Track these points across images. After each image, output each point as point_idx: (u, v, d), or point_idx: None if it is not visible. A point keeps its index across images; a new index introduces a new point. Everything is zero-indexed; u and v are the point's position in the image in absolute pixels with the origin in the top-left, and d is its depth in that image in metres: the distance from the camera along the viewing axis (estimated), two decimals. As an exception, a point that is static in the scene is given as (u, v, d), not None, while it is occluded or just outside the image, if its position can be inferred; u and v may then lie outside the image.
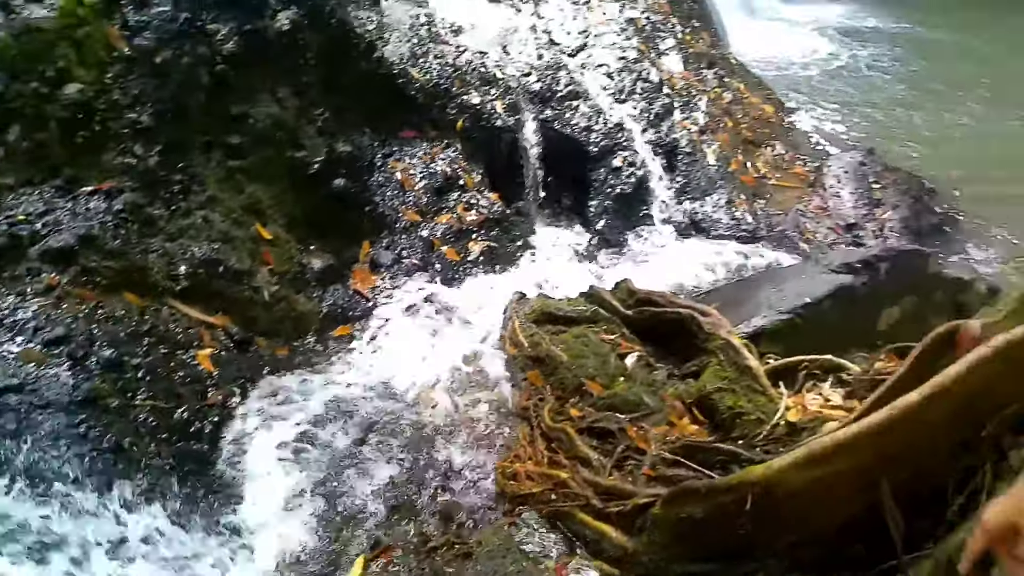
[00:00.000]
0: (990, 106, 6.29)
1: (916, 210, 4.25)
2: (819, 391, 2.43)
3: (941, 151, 5.43)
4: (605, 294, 2.98)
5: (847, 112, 5.90)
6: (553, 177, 4.37)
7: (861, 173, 4.52)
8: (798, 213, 4.22)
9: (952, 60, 7.42)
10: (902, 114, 6.07)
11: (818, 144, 5.26)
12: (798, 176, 4.72)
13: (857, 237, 4.01)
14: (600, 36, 4.97)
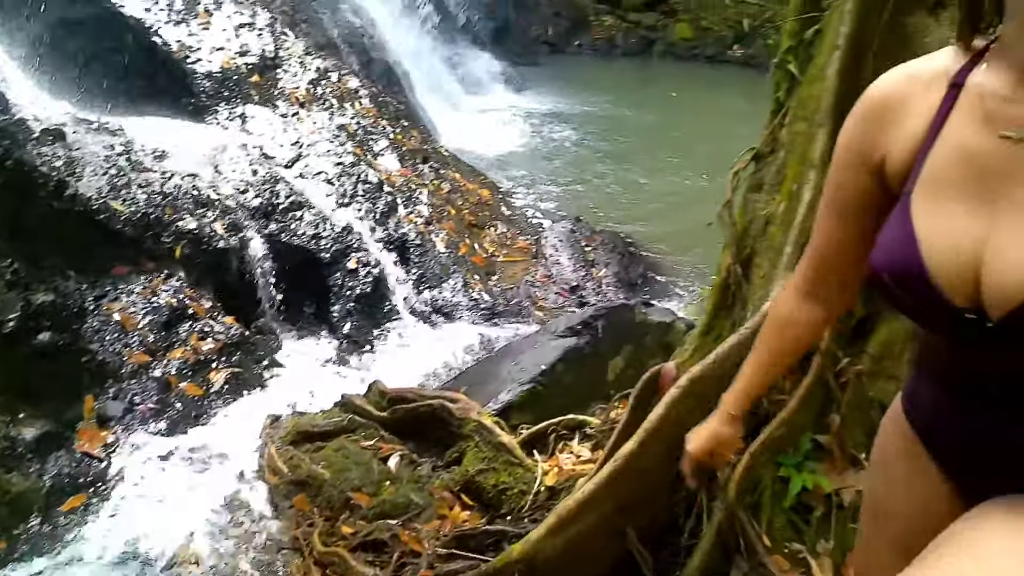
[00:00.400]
0: (676, 168, 7.35)
1: (624, 265, 4.83)
2: (570, 449, 2.64)
3: (639, 210, 6.21)
4: (358, 400, 2.99)
5: (553, 187, 6.57)
6: (291, 289, 4.32)
7: (574, 239, 5.05)
8: (528, 284, 4.58)
9: (635, 132, 8.57)
10: (601, 182, 6.86)
11: (533, 218, 5.78)
12: (522, 250, 5.14)
13: (581, 297, 4.46)
14: (314, 145, 5.07)
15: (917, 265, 0.88)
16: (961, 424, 1.00)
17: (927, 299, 0.90)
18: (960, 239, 0.87)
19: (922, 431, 1.07)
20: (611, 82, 10.93)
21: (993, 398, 0.94)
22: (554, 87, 10.07)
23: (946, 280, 0.87)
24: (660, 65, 12.35)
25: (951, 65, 0.92)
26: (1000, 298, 0.84)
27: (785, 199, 2.23)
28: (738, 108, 9.13)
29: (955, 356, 0.97)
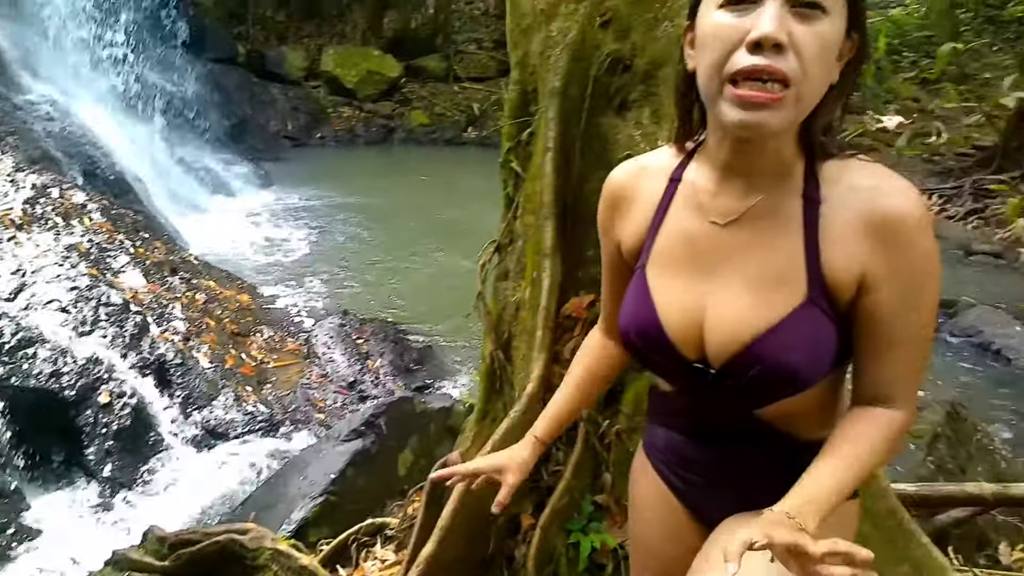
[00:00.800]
0: (435, 250, 7.59)
1: (398, 352, 4.94)
2: (374, 556, 2.64)
3: (405, 295, 6.37)
4: (134, 553, 2.74)
5: (316, 282, 6.53)
6: (33, 437, 3.85)
7: (344, 333, 5.06)
8: (304, 387, 4.51)
9: (389, 218, 8.77)
10: (364, 272, 6.93)
11: (300, 317, 5.70)
12: (293, 352, 5.04)
13: (361, 391, 4.47)
14: (40, 271, 4.61)
15: (656, 326, 1.08)
16: (696, 463, 1.20)
17: (666, 354, 1.09)
18: (686, 304, 1.06)
19: (664, 474, 1.27)
20: (359, 171, 11.17)
21: (718, 438, 1.16)
22: (303, 181, 10.07)
23: (678, 337, 1.07)
24: (402, 151, 12.88)
25: (670, 162, 1.13)
26: (718, 351, 1.04)
27: (529, 285, 2.50)
28: (481, 186, 9.77)
29: (688, 404, 1.17)
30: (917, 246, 0.97)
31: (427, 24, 16.16)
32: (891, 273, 0.97)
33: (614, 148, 2.66)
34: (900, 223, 0.96)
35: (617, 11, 2.61)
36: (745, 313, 1.02)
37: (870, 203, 0.96)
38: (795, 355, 1.00)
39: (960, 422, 2.96)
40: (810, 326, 1.00)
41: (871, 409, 1.05)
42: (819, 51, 0.90)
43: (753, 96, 0.90)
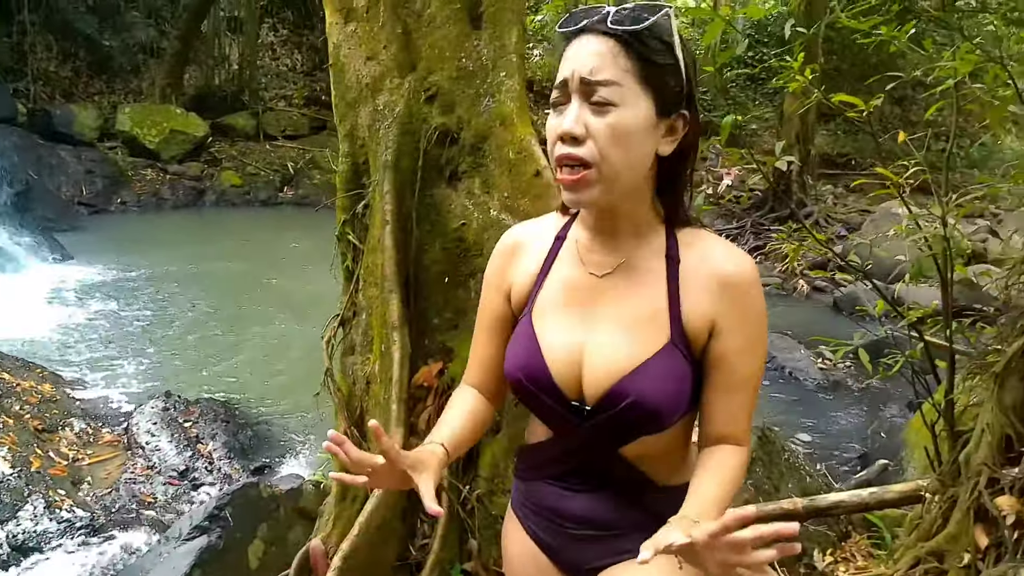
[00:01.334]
0: (264, 317, 7.23)
1: (232, 432, 4.66)
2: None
3: (236, 369, 5.99)
4: None
5: (131, 363, 5.99)
6: None
7: (170, 417, 4.71)
8: (128, 483, 4.13)
9: (209, 286, 8.23)
10: (186, 347, 6.46)
11: (113, 404, 5.23)
12: (111, 444, 4.61)
13: (195, 480, 4.16)
14: None
15: (543, 368, 1.20)
16: (566, 513, 1.28)
17: (551, 394, 1.20)
18: (568, 347, 1.20)
19: (534, 532, 1.33)
20: (169, 237, 10.47)
21: (586, 482, 1.26)
22: (105, 251, 9.24)
23: (560, 378, 1.19)
24: (215, 214, 12.27)
25: (557, 223, 1.31)
26: (594, 388, 1.17)
27: (378, 358, 2.51)
28: (306, 249, 9.54)
29: (560, 449, 1.26)
30: (755, 301, 1.18)
31: (231, 80, 15.68)
32: (735, 322, 1.16)
33: (449, 218, 2.77)
34: (741, 281, 1.16)
35: (441, 86, 2.75)
36: (617, 353, 1.16)
37: (719, 265, 1.17)
38: (659, 389, 1.14)
39: (770, 444, 3.32)
40: (671, 365, 1.16)
41: (722, 446, 1.20)
42: (612, 137, 1.08)
43: (563, 179, 1.11)
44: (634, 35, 1.07)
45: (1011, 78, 2.54)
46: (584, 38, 1.10)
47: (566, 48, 1.12)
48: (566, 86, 1.10)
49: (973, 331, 2.98)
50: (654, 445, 1.21)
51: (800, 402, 5.84)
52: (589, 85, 1.07)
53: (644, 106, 1.09)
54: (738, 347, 1.16)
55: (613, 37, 1.08)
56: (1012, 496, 2.04)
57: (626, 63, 1.07)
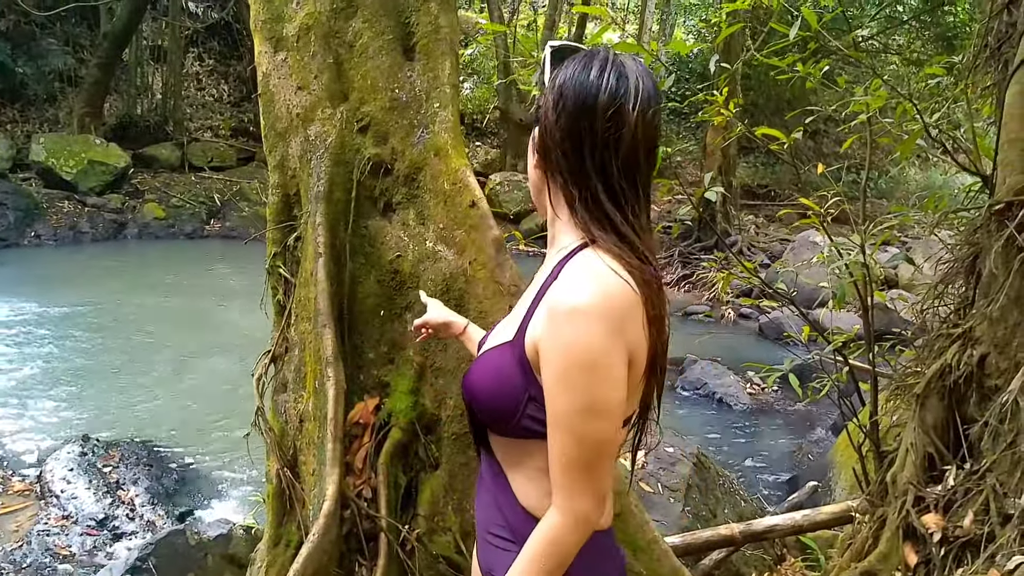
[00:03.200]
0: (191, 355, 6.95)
1: (156, 477, 4.42)
2: None
3: (159, 411, 5.71)
4: None
5: (44, 407, 5.65)
6: None
7: (87, 463, 4.45)
8: (41, 534, 3.85)
9: (133, 324, 7.87)
10: (105, 389, 6.14)
11: (24, 450, 4.92)
12: (21, 494, 4.33)
13: (115, 529, 3.92)
14: None
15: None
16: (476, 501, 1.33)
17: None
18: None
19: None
20: (88, 273, 10.01)
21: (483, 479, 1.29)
22: (16, 288, 8.73)
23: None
24: (138, 248, 11.82)
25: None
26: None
27: (311, 395, 2.44)
28: (234, 283, 9.27)
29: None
30: (564, 332, 1.06)
31: (155, 110, 15.25)
32: (547, 350, 1.09)
33: (383, 249, 2.74)
34: (560, 309, 1.07)
35: (374, 117, 2.73)
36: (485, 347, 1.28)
37: (555, 290, 1.11)
38: (479, 378, 1.21)
39: (706, 470, 3.38)
40: (500, 362, 1.18)
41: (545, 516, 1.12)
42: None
43: None
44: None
45: (919, 113, 2.69)
46: None
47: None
48: None
49: (893, 354, 3.12)
50: (513, 452, 1.20)
51: (731, 427, 5.97)
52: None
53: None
54: (549, 376, 1.09)
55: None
56: (937, 513, 2.11)
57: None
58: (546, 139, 1.18)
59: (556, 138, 1.15)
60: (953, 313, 2.47)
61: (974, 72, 2.71)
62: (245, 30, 15.26)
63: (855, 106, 2.74)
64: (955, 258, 2.51)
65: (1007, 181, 2.16)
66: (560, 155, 1.15)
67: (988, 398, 2.17)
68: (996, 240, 2.13)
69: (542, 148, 1.19)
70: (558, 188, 1.19)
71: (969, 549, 2.05)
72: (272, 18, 2.77)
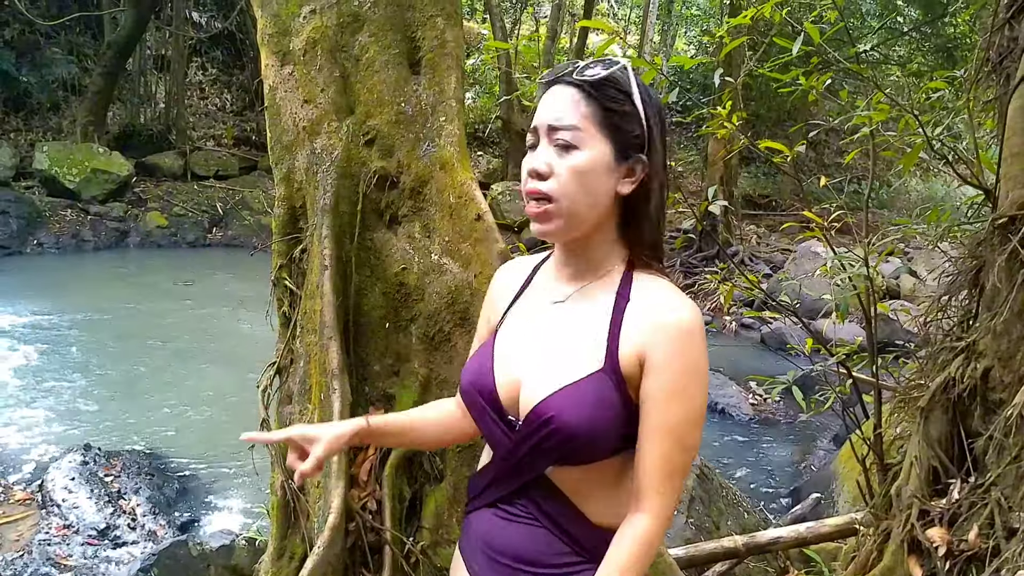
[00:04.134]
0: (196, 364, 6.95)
1: (157, 486, 4.43)
2: None
3: (162, 420, 5.70)
4: None
5: (46, 415, 5.65)
6: None
7: (89, 472, 4.45)
8: (43, 544, 3.85)
9: (132, 332, 7.87)
10: (110, 397, 6.13)
11: (26, 459, 4.91)
12: (23, 503, 4.32)
13: (116, 539, 3.92)
14: None
15: (490, 380, 1.26)
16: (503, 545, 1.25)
17: (493, 407, 1.25)
18: (514, 364, 1.26)
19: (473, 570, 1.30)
20: (90, 281, 10.02)
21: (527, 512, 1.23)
22: (19, 296, 8.75)
23: (503, 392, 1.25)
24: (140, 256, 11.84)
25: (535, 261, 1.40)
26: (524, 404, 1.21)
27: (317, 407, 2.44)
28: (236, 292, 9.27)
29: (497, 470, 1.26)
30: (685, 348, 1.17)
31: (157, 119, 15.30)
32: (662, 364, 1.16)
33: (388, 262, 2.75)
34: (675, 326, 1.18)
35: (380, 130, 2.74)
36: (550, 373, 1.21)
37: (658, 309, 1.19)
38: (579, 412, 1.16)
39: (709, 482, 3.37)
40: (598, 391, 1.17)
41: (629, 519, 1.17)
42: (574, 176, 1.18)
43: (529, 211, 1.22)
44: (593, 85, 1.19)
45: (921, 126, 2.71)
46: (555, 88, 1.23)
47: (542, 97, 1.25)
48: (537, 131, 1.23)
49: (896, 366, 3.12)
50: (588, 478, 1.21)
51: (734, 438, 5.96)
52: (554, 130, 1.20)
53: (602, 149, 1.19)
54: (662, 389, 1.16)
55: (576, 87, 1.20)
56: (942, 527, 2.11)
57: (586, 110, 1.19)
58: (657, 159, 1.23)
59: (662, 158, 1.24)
60: (957, 326, 2.47)
61: (976, 85, 2.72)
62: (248, 40, 15.35)
63: (858, 119, 2.75)
64: (958, 271, 2.52)
65: (1010, 195, 2.17)
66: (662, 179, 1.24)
67: (992, 411, 2.17)
68: (999, 254, 2.14)
69: (652, 169, 1.22)
70: (647, 209, 1.24)
71: (974, 563, 2.05)
72: (279, 32, 2.79)
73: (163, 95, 15.59)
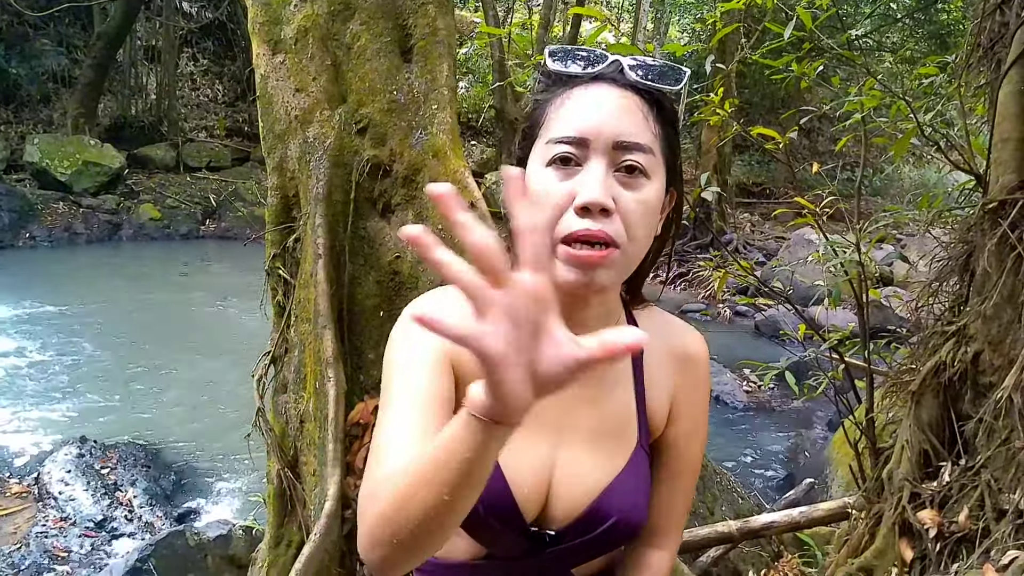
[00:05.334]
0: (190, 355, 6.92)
1: (154, 477, 4.44)
2: None
3: (158, 411, 5.70)
4: None
5: (41, 408, 5.63)
6: None
7: (85, 464, 4.45)
8: (39, 536, 3.86)
9: (128, 326, 7.85)
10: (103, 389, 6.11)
11: (20, 452, 4.91)
12: (19, 495, 4.32)
13: (113, 531, 3.92)
14: None
15: (506, 493, 0.95)
16: None
17: (510, 521, 0.96)
18: (537, 466, 0.97)
19: None
20: (83, 274, 9.99)
21: None
22: (10, 289, 8.72)
23: (524, 502, 0.96)
24: (133, 249, 11.80)
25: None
26: (564, 512, 0.98)
27: (312, 396, 2.45)
28: (232, 283, 9.25)
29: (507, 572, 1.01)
30: (706, 379, 1.09)
31: (149, 111, 15.21)
32: (687, 403, 1.06)
33: (382, 251, 2.75)
34: (697, 359, 1.07)
35: (372, 119, 2.74)
36: (590, 471, 0.99)
37: (678, 343, 1.07)
38: (637, 502, 1.01)
39: (703, 469, 3.39)
40: (642, 472, 1.02)
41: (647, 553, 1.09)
42: (642, 215, 0.90)
43: (586, 256, 0.87)
44: (665, 96, 0.94)
45: (913, 112, 2.71)
46: (601, 88, 0.92)
47: (564, 93, 0.93)
48: (586, 144, 0.89)
49: (888, 351, 3.14)
50: (603, 558, 1.07)
51: (728, 424, 6.00)
52: (625, 150, 0.89)
53: (661, 180, 0.93)
54: (689, 432, 1.08)
55: (640, 94, 0.92)
56: (933, 509, 2.13)
57: (656, 127, 0.92)
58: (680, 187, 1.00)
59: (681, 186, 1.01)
60: (947, 311, 2.49)
61: (967, 71, 2.72)
62: (239, 30, 15.25)
63: (849, 105, 2.76)
64: (949, 256, 2.53)
65: (1000, 180, 2.18)
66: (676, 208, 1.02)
67: (983, 395, 2.19)
68: (990, 239, 2.15)
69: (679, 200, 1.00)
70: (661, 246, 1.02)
71: (964, 544, 2.07)
72: (270, 21, 2.78)
73: (154, 86, 15.50)
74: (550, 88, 0.95)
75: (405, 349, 0.97)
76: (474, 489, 0.72)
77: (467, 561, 1.02)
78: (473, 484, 0.71)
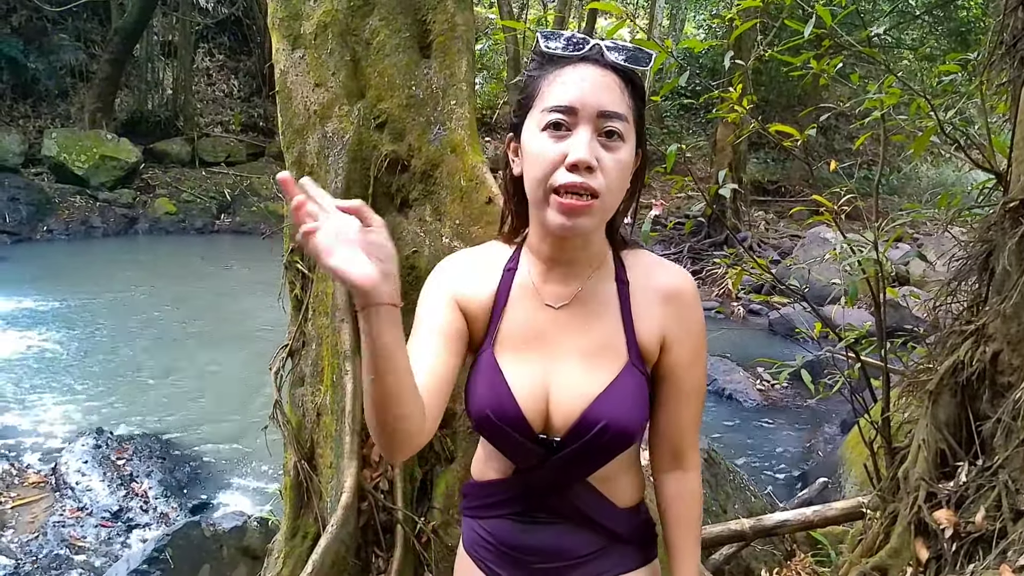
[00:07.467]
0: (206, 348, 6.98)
1: (169, 469, 4.47)
2: None
3: (174, 404, 5.75)
4: None
5: (59, 399, 5.70)
6: None
7: (102, 455, 4.50)
8: (56, 526, 3.91)
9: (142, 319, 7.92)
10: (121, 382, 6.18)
11: (39, 442, 4.97)
12: (37, 485, 4.38)
13: (129, 521, 3.97)
14: None
15: (512, 404, 1.17)
16: (530, 550, 1.24)
17: (520, 429, 1.17)
18: (535, 381, 1.18)
19: (492, 570, 1.28)
20: (100, 267, 10.09)
21: (551, 516, 1.23)
22: (29, 282, 8.81)
23: (529, 411, 1.17)
24: (149, 242, 11.90)
25: (502, 254, 1.27)
26: (563, 419, 1.17)
27: (329, 389, 2.47)
28: (247, 278, 9.32)
29: (522, 485, 1.23)
30: (697, 314, 1.25)
31: (165, 106, 15.32)
32: (682, 334, 1.22)
33: (400, 245, 2.76)
34: (685, 294, 1.24)
35: (391, 114, 2.75)
36: (582, 380, 1.18)
37: (664, 281, 1.23)
38: (626, 410, 1.17)
39: (716, 466, 3.39)
40: (632, 384, 1.19)
41: (677, 477, 1.28)
42: (619, 172, 1.12)
43: (572, 204, 1.09)
44: (636, 75, 1.15)
45: (933, 110, 2.69)
46: (586, 68, 1.13)
47: (555, 71, 1.14)
48: (575, 112, 1.10)
49: (904, 350, 3.12)
50: (616, 466, 1.23)
51: (741, 423, 5.98)
52: (607, 118, 1.11)
53: (632, 143, 1.15)
54: (686, 359, 1.22)
55: (617, 72, 1.14)
56: (949, 509, 2.12)
57: (629, 100, 1.14)
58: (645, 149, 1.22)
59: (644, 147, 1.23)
60: (966, 310, 2.47)
61: (989, 69, 2.70)
62: (255, 25, 15.32)
63: (868, 103, 2.74)
64: (968, 255, 2.51)
65: (1022, 179, 2.16)
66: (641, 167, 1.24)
67: (1001, 395, 2.17)
68: (1010, 238, 2.13)
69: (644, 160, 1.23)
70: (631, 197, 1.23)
71: (981, 545, 2.06)
72: (289, 16, 2.79)
73: (170, 81, 15.61)
74: (543, 66, 1.16)
75: (425, 293, 1.26)
76: (387, 371, 0.96)
77: (500, 479, 1.26)
78: (380, 365, 0.95)
